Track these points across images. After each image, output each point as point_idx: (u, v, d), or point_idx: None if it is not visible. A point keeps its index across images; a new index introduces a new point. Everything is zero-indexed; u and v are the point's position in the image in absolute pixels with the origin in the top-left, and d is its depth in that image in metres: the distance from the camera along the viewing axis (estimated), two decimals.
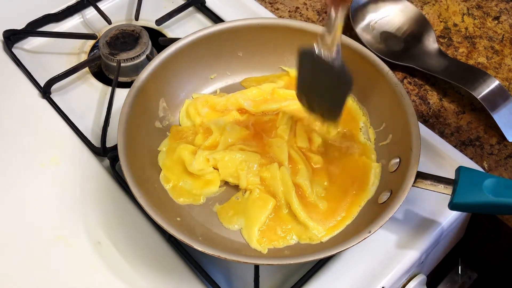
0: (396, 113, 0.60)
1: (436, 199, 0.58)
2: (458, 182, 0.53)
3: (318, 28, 0.66)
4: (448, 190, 0.53)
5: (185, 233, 0.52)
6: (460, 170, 0.53)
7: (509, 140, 0.69)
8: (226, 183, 0.62)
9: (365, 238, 0.51)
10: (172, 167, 0.62)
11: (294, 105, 0.66)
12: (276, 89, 0.68)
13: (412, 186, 0.54)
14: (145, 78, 0.62)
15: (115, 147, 0.65)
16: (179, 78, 0.67)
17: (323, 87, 0.56)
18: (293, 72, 0.70)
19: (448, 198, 0.54)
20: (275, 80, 0.70)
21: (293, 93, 0.67)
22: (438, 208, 0.61)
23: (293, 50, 0.69)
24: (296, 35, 0.67)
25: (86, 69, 0.77)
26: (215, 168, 0.62)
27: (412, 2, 0.82)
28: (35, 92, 0.73)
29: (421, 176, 0.55)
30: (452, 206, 0.53)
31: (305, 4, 0.86)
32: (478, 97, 0.69)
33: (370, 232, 0.51)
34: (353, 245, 0.50)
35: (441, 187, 0.54)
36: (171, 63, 0.65)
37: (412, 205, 0.61)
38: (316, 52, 0.52)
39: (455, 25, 0.82)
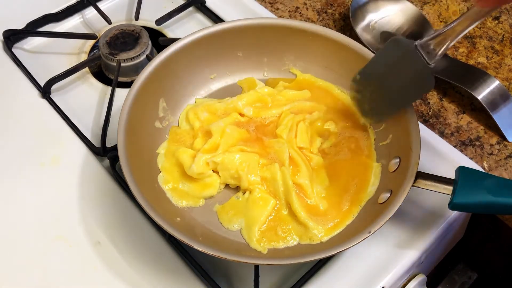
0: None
1: (436, 199, 0.58)
2: (458, 182, 0.52)
3: (318, 28, 0.66)
4: (448, 190, 0.53)
5: (185, 233, 0.52)
6: (460, 170, 0.53)
7: (509, 140, 0.69)
8: (226, 184, 0.62)
9: (365, 238, 0.51)
10: (171, 169, 0.62)
11: (295, 107, 0.66)
12: (283, 91, 0.68)
13: (412, 186, 0.54)
14: (145, 78, 0.62)
15: (115, 147, 0.65)
16: (179, 78, 0.67)
17: (399, 80, 0.57)
18: (301, 75, 0.70)
19: (448, 198, 0.54)
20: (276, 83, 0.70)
21: (299, 94, 0.68)
22: (438, 208, 0.61)
23: (294, 50, 0.69)
24: (297, 35, 0.67)
25: (86, 69, 0.77)
26: (215, 171, 0.61)
27: (412, 2, 0.82)
28: (35, 92, 0.73)
29: (421, 176, 0.54)
30: (452, 206, 0.53)
31: (305, 4, 0.86)
32: (478, 97, 0.69)
33: (370, 232, 0.51)
34: (353, 245, 0.50)
35: (441, 187, 0.54)
36: (171, 63, 0.65)
37: (412, 205, 0.61)
38: (415, 45, 0.54)
39: None
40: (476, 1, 0.47)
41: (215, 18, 0.81)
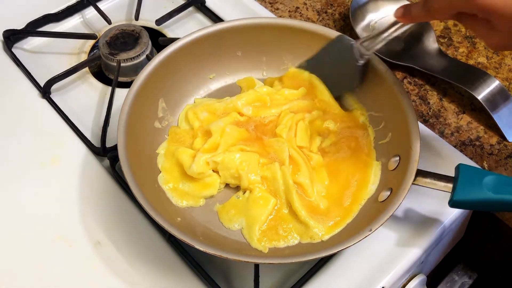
0: (395, 112, 0.60)
1: (436, 197, 0.58)
2: (458, 179, 0.53)
3: (318, 28, 0.66)
4: (448, 187, 0.53)
5: (186, 233, 0.52)
6: (460, 167, 0.53)
7: (509, 140, 0.69)
8: (226, 183, 0.62)
9: (366, 236, 0.51)
10: (171, 169, 0.62)
11: (294, 106, 0.66)
12: (281, 90, 0.68)
13: (412, 184, 0.54)
14: (145, 78, 0.62)
15: (115, 147, 0.65)
16: (178, 78, 0.67)
17: (335, 71, 0.66)
18: (292, 69, 0.70)
19: (448, 196, 0.54)
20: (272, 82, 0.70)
21: (297, 93, 0.67)
22: (438, 207, 0.61)
23: (293, 49, 0.69)
24: (296, 35, 0.67)
25: (86, 69, 0.77)
26: (215, 171, 0.61)
27: (412, 2, 0.82)
28: (35, 92, 0.73)
29: (421, 174, 0.55)
30: (452, 203, 0.53)
31: (305, 4, 0.86)
32: (478, 97, 0.69)
33: (371, 230, 0.51)
34: (354, 243, 0.50)
35: (441, 184, 0.54)
36: (171, 63, 0.65)
37: (412, 204, 0.61)
38: (351, 44, 0.62)
39: (455, 25, 0.82)
40: (398, 17, 0.55)
41: (215, 18, 0.81)
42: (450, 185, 0.53)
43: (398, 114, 0.59)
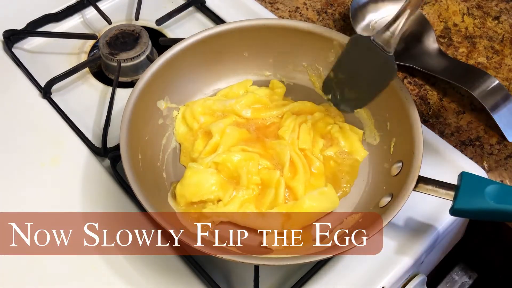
0: (400, 117, 0.60)
1: (436, 202, 0.58)
2: (460, 187, 0.52)
3: (326, 31, 0.66)
4: (450, 195, 0.53)
5: (185, 232, 0.52)
6: (462, 175, 0.53)
7: (509, 140, 0.69)
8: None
9: (362, 242, 0.50)
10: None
11: (296, 107, 0.66)
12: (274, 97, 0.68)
13: (413, 190, 0.53)
14: (150, 76, 0.62)
15: (116, 147, 0.65)
16: (184, 77, 0.67)
17: (365, 73, 0.62)
18: (276, 82, 0.70)
19: (449, 202, 0.53)
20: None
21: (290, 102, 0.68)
22: (438, 210, 0.61)
23: (300, 52, 0.68)
24: (302, 36, 0.66)
25: (86, 69, 0.77)
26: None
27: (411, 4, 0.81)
28: (35, 92, 0.73)
29: (423, 180, 0.54)
30: (453, 211, 0.52)
31: (305, 4, 0.86)
32: (478, 97, 0.69)
33: (368, 235, 0.51)
34: (351, 248, 0.50)
35: (442, 192, 0.53)
36: (176, 62, 0.65)
37: (412, 207, 0.61)
38: (372, 39, 0.59)
39: (455, 25, 0.82)
40: None
41: (215, 18, 0.81)
42: (452, 193, 0.53)
43: (403, 120, 0.59)
